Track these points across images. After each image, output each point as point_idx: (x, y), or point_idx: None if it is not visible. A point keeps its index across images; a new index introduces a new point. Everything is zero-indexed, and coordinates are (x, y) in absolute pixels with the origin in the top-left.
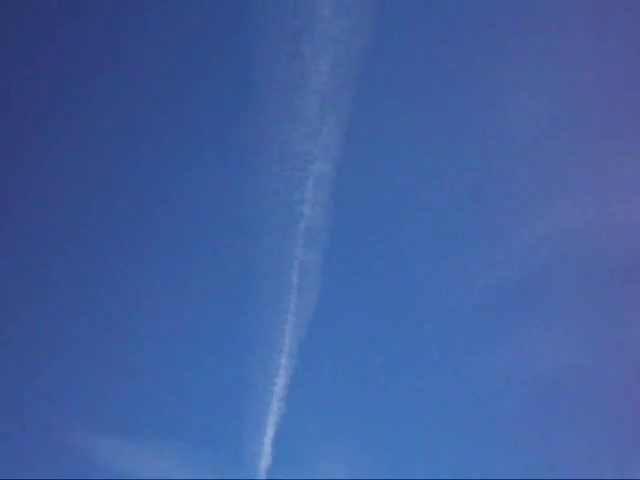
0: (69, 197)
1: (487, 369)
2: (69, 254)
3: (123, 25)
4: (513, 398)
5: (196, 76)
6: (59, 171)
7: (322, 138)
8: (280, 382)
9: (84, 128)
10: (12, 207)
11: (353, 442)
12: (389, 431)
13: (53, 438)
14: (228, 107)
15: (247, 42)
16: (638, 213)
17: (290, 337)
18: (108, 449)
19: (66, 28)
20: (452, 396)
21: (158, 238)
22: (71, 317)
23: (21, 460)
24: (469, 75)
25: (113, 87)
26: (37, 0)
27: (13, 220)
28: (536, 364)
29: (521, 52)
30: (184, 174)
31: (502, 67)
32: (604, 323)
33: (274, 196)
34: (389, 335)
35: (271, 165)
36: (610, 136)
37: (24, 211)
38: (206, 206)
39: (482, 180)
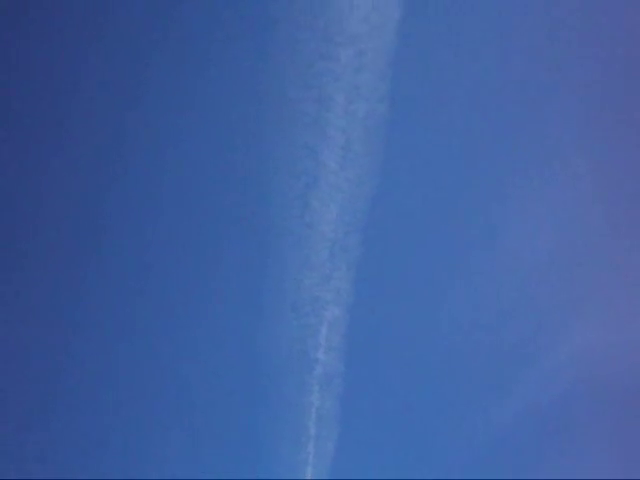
0: None
1: None
2: None
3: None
4: None
5: (214, 236)
6: None
7: (333, 283)
8: None
9: None
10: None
11: None
12: None
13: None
14: (242, 260)
15: (257, 204)
16: None
17: None
18: None
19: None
20: None
21: (170, 385)
22: None
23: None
24: (472, 213)
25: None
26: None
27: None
28: None
29: (523, 182)
30: (199, 326)
31: (506, 199)
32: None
33: (288, 343)
34: None
35: (284, 313)
36: (619, 255)
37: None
38: (221, 355)
39: (496, 311)
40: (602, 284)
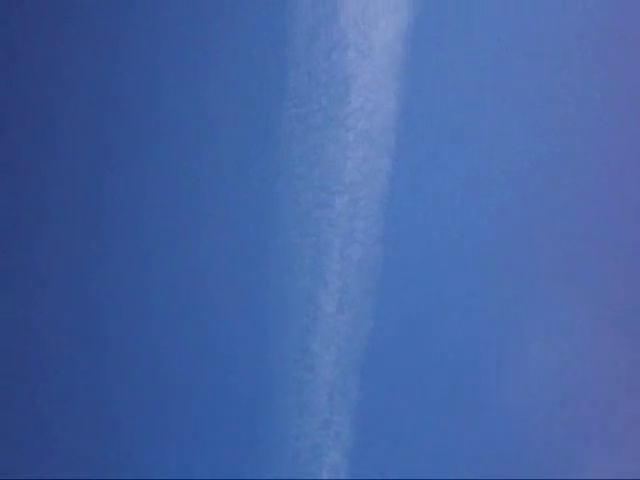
0: None
1: None
2: None
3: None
4: None
5: (213, 388)
6: None
7: (333, 428)
8: None
9: None
10: None
11: None
12: None
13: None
14: (241, 407)
15: (256, 348)
16: None
17: None
18: None
19: None
20: None
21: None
22: None
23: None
24: (471, 354)
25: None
26: None
27: None
28: None
29: (532, 314)
30: (196, 475)
31: (512, 329)
32: None
33: None
34: None
35: (285, 461)
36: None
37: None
38: None
39: (503, 446)
40: (610, 423)
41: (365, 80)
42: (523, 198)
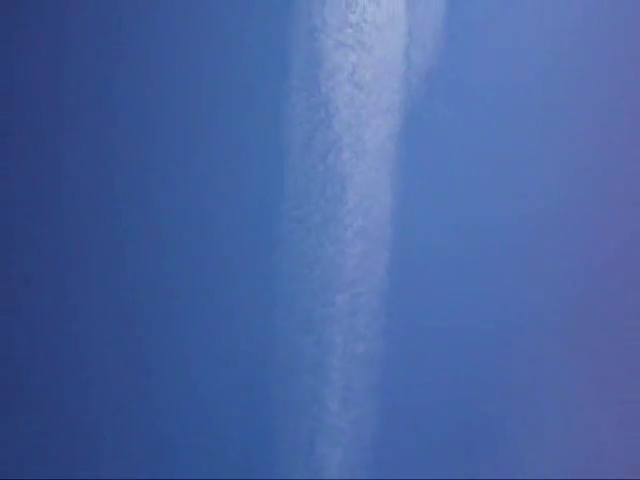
0: None
1: None
2: None
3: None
4: None
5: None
6: None
7: None
8: None
9: None
10: None
11: None
12: None
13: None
14: None
15: (262, 454)
16: None
17: None
18: None
19: None
20: None
21: None
22: None
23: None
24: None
25: None
26: None
27: None
28: None
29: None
30: None
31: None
32: None
33: None
34: None
35: None
36: None
37: None
38: None
39: None
40: None
41: (360, 179)
42: (524, 290)
